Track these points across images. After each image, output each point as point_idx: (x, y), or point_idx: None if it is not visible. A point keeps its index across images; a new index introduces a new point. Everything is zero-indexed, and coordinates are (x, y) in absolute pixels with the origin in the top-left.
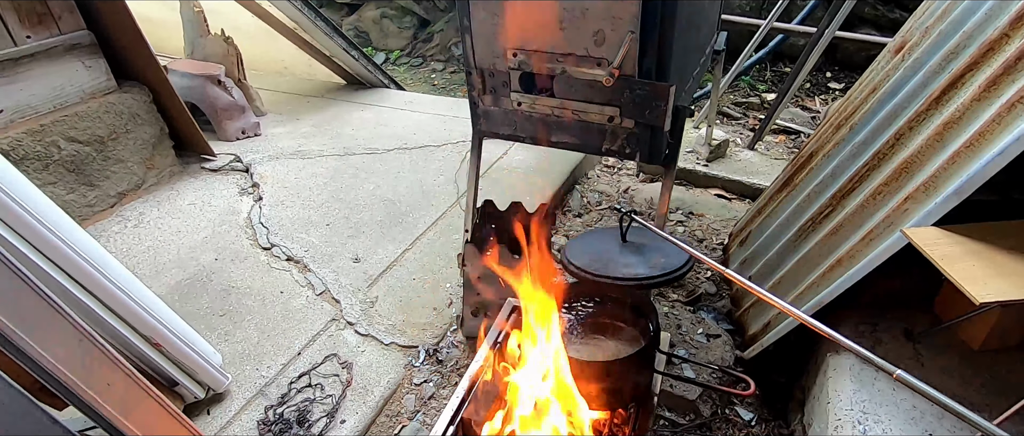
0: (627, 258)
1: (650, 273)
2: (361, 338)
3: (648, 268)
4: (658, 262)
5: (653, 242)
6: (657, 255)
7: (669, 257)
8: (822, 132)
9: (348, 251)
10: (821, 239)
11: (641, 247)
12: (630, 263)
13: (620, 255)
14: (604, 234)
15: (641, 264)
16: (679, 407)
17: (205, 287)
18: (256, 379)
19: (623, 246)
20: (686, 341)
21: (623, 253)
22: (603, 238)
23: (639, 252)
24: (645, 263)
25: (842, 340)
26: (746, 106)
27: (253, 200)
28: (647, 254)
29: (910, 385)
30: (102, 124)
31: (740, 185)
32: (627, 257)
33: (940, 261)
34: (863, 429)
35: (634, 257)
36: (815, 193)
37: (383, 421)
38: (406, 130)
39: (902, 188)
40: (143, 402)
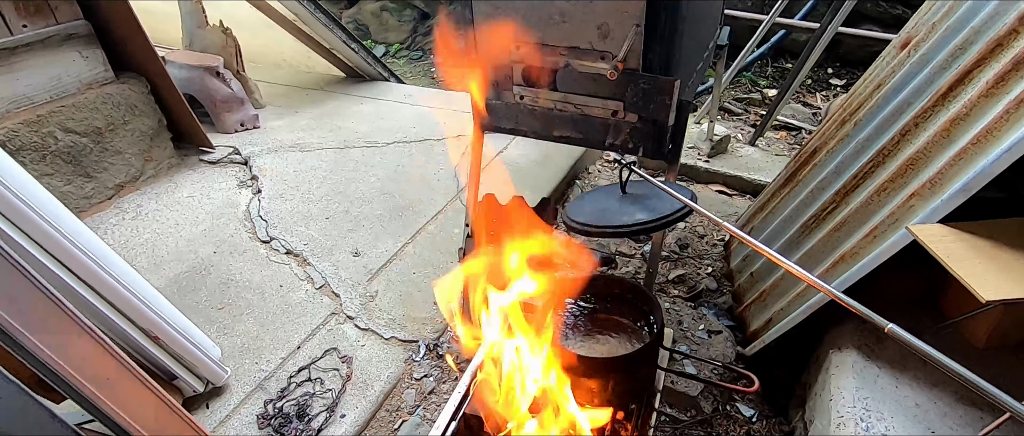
0: (627, 208)
1: (649, 218)
2: (361, 332)
3: (648, 214)
4: (657, 209)
5: (653, 192)
6: (656, 204)
7: (668, 205)
8: (826, 128)
9: (348, 245)
10: (825, 235)
11: (640, 198)
12: (629, 212)
13: (620, 207)
14: (604, 190)
15: (640, 212)
16: (680, 403)
17: (204, 280)
18: (255, 373)
19: (623, 198)
20: (687, 337)
21: (623, 204)
22: (603, 194)
23: (638, 202)
24: (644, 211)
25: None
26: (747, 102)
27: (252, 193)
28: (646, 204)
29: (901, 340)
30: (99, 115)
31: (741, 181)
32: (627, 207)
33: (946, 259)
34: (866, 426)
35: (633, 207)
36: (819, 189)
37: (383, 416)
38: (406, 123)
39: (907, 185)
40: (142, 396)
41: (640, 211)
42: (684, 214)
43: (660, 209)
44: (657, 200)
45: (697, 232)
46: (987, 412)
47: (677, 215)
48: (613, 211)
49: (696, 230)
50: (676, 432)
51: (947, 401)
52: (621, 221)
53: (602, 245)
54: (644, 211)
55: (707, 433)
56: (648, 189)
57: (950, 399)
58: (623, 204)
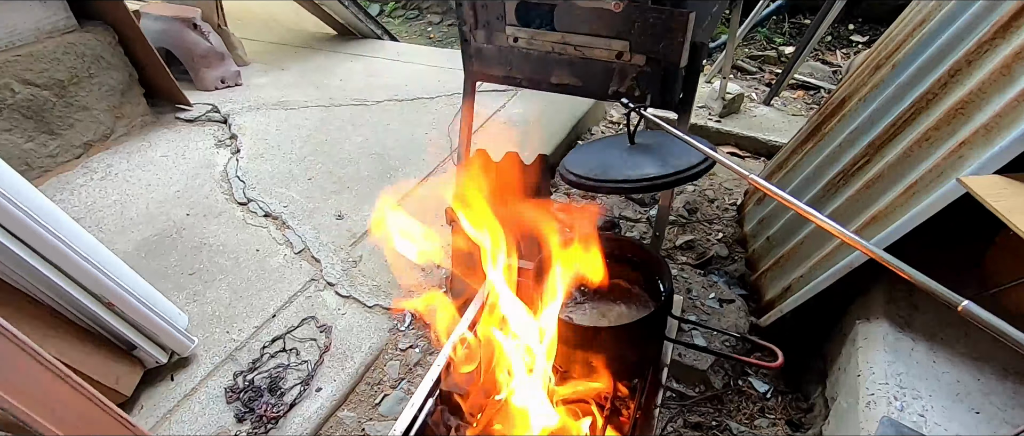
0: (635, 160)
1: (663, 172)
2: (342, 300)
3: (660, 168)
4: (672, 162)
5: (665, 143)
6: (669, 156)
7: (683, 158)
8: (856, 75)
9: (331, 207)
10: (853, 194)
11: (651, 149)
12: (638, 165)
13: (627, 159)
14: (609, 140)
15: (651, 165)
16: (688, 378)
17: (174, 244)
18: (226, 343)
19: (630, 149)
20: (697, 306)
21: (630, 156)
22: (608, 145)
23: (649, 153)
24: (656, 164)
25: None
26: (762, 60)
27: (230, 153)
28: (658, 156)
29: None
30: (61, 66)
31: (755, 142)
32: (635, 159)
33: (1007, 214)
34: (900, 405)
35: (643, 158)
36: (847, 143)
37: (363, 389)
38: (398, 81)
39: (956, 132)
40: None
41: (651, 164)
42: (704, 168)
43: (674, 162)
44: (669, 153)
45: (706, 196)
46: None
47: (696, 169)
48: (619, 164)
49: (705, 193)
50: (683, 409)
51: (993, 377)
52: (627, 175)
53: (605, 209)
54: (655, 164)
55: (717, 409)
56: (659, 140)
57: (996, 375)
58: (630, 156)
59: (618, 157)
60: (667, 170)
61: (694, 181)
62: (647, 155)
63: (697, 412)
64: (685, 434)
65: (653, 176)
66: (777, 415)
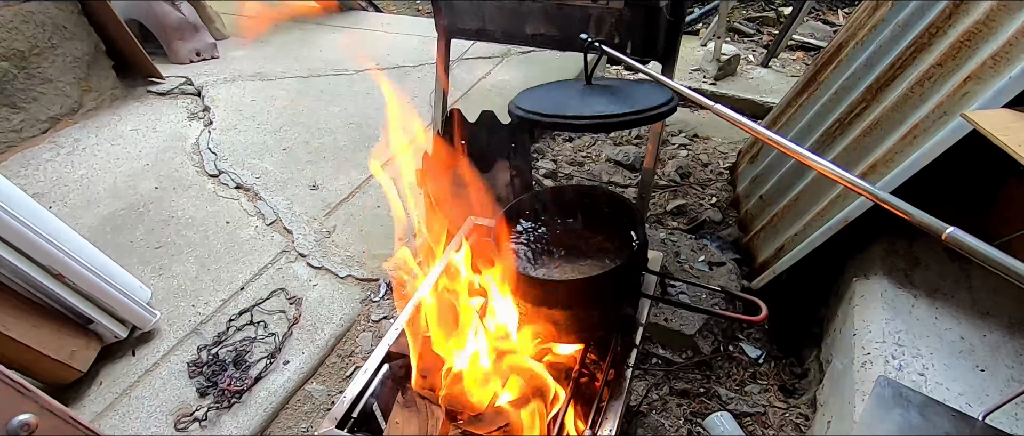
0: (591, 100)
1: (619, 111)
2: (313, 271)
3: (618, 107)
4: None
5: (628, 86)
6: (631, 97)
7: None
8: (855, 18)
9: (306, 178)
10: (851, 142)
11: (611, 89)
12: (593, 105)
13: (583, 98)
14: (568, 82)
15: (608, 105)
16: (675, 343)
17: (141, 218)
18: (191, 317)
19: (588, 89)
20: (685, 270)
21: (587, 96)
22: (566, 85)
23: (607, 93)
24: (613, 104)
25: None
26: (760, 21)
27: (203, 125)
28: (619, 96)
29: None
30: (20, 36)
31: (751, 104)
32: (592, 99)
33: (1017, 148)
34: (898, 364)
35: (600, 98)
36: (844, 89)
37: (334, 362)
38: (380, 51)
39: (961, 66)
40: None
41: (608, 104)
42: (667, 109)
43: (633, 103)
44: (629, 95)
45: (700, 159)
46: None
47: (658, 110)
48: (573, 103)
49: (699, 158)
50: (669, 376)
51: (998, 332)
52: (581, 112)
53: (593, 176)
54: (613, 104)
55: (706, 376)
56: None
57: (1003, 329)
58: (587, 95)
59: (574, 96)
60: (624, 109)
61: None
62: (605, 95)
63: (684, 379)
64: (670, 401)
65: (607, 115)
66: (769, 381)
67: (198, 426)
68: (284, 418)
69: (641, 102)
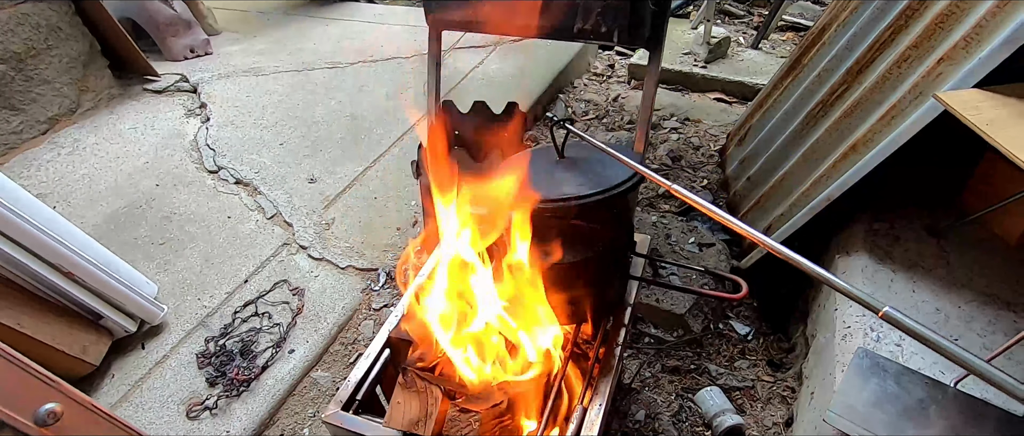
0: (558, 177)
1: (579, 192)
2: (315, 262)
3: (579, 187)
4: (596, 179)
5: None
6: (599, 170)
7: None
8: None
9: (303, 171)
10: (832, 124)
11: (579, 163)
12: (559, 183)
13: (553, 173)
14: (543, 152)
15: (573, 183)
16: (666, 323)
17: (144, 215)
18: (198, 310)
19: (558, 163)
20: (676, 251)
21: (557, 170)
22: (539, 156)
23: (575, 169)
24: (578, 182)
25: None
26: (750, 3)
27: (200, 121)
28: (586, 171)
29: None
30: (16, 38)
31: (742, 87)
32: (559, 175)
33: (984, 127)
34: (876, 336)
35: (567, 175)
36: (826, 72)
37: (337, 350)
38: (374, 43)
39: (936, 48)
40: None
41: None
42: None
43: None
44: (597, 167)
45: (691, 143)
46: (1020, 316)
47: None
48: (542, 180)
49: (690, 141)
50: (661, 353)
51: (974, 305)
52: (548, 193)
53: None
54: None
55: (697, 353)
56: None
57: (976, 302)
58: (555, 171)
59: (544, 172)
60: (585, 190)
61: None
62: (572, 171)
63: (675, 356)
64: (662, 378)
65: (570, 196)
66: (758, 356)
67: (209, 414)
68: (291, 404)
69: (607, 178)
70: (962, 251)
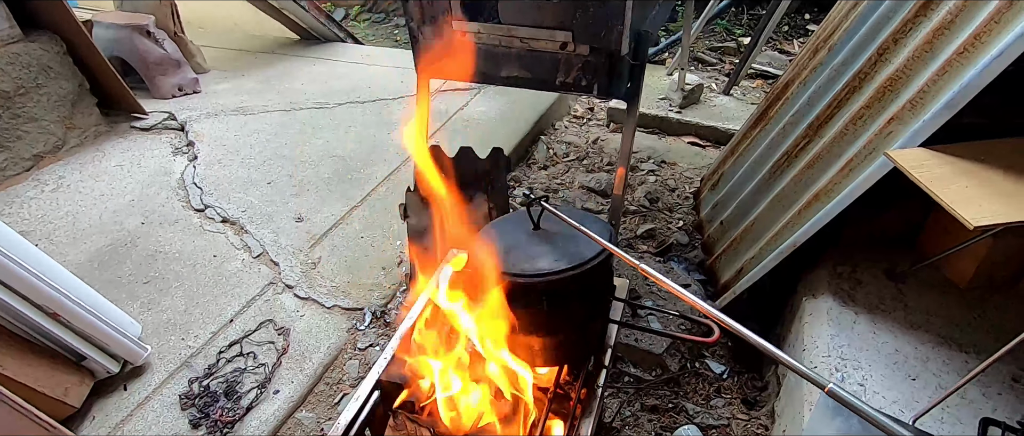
0: (535, 249)
1: (553, 268)
2: (300, 302)
3: (553, 261)
4: (569, 253)
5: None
6: (571, 244)
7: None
8: (799, 59)
9: (290, 210)
10: (797, 174)
11: (554, 236)
12: (534, 256)
13: (528, 246)
14: (518, 220)
15: (546, 257)
16: (645, 362)
17: (129, 253)
18: (182, 350)
19: (533, 234)
20: (653, 292)
21: (531, 243)
22: (516, 224)
23: (550, 241)
24: (552, 255)
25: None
26: (722, 51)
27: (187, 160)
28: (559, 243)
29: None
30: (6, 78)
31: (715, 131)
32: (535, 248)
33: (929, 184)
34: (841, 376)
35: (543, 247)
36: (790, 125)
37: (322, 390)
38: (360, 84)
39: (886, 108)
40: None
41: (546, 256)
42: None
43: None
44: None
45: (668, 185)
46: (972, 355)
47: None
48: (520, 251)
49: (667, 183)
50: (640, 392)
51: (929, 346)
52: (522, 268)
53: (567, 202)
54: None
55: (674, 392)
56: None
57: (932, 343)
58: (532, 243)
59: (521, 242)
60: (558, 266)
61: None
62: (546, 243)
63: (654, 395)
64: (642, 417)
65: (544, 272)
66: (733, 394)
67: None
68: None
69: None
70: (919, 293)
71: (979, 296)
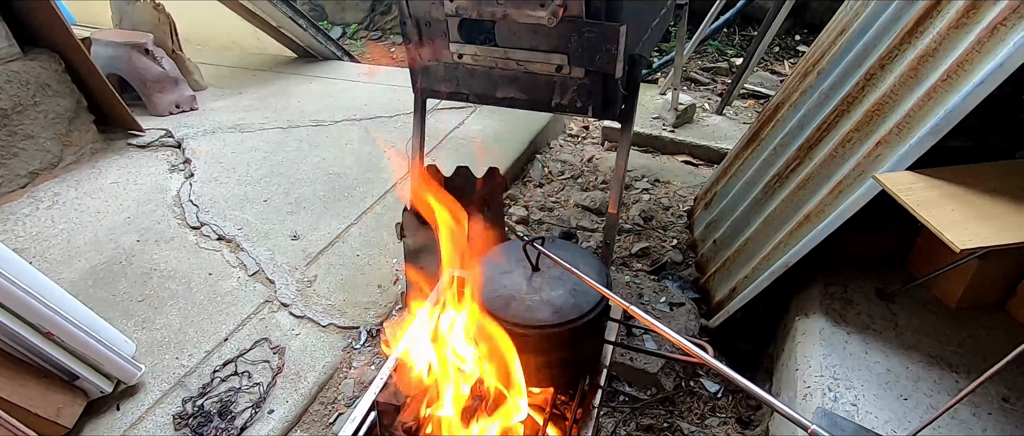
0: (535, 295)
1: (552, 321)
2: (296, 320)
3: (553, 312)
4: (568, 301)
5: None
6: (571, 288)
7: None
8: (789, 82)
9: (286, 228)
10: (788, 195)
11: (554, 280)
12: (533, 308)
13: (528, 289)
14: (523, 261)
15: (546, 307)
16: (640, 381)
17: (124, 271)
18: (176, 369)
19: (535, 276)
20: (648, 311)
21: (532, 287)
22: (518, 264)
23: (550, 286)
24: (553, 302)
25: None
26: (714, 71)
27: (184, 177)
28: (559, 287)
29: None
30: (3, 95)
31: (707, 150)
32: (535, 295)
33: (916, 207)
34: (834, 396)
35: (541, 295)
36: (781, 146)
37: (317, 409)
38: (357, 101)
39: (874, 132)
40: None
41: (546, 306)
42: (599, 312)
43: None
44: (572, 282)
45: (661, 203)
46: (962, 375)
47: (588, 317)
48: (519, 295)
49: (660, 201)
50: (635, 411)
51: (920, 366)
52: (523, 317)
53: (562, 220)
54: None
55: (669, 411)
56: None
57: (923, 363)
58: (531, 288)
59: (521, 285)
60: (559, 318)
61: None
62: (547, 289)
63: (649, 414)
64: None
65: (543, 323)
66: (727, 414)
67: None
68: None
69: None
70: (909, 313)
71: (968, 316)
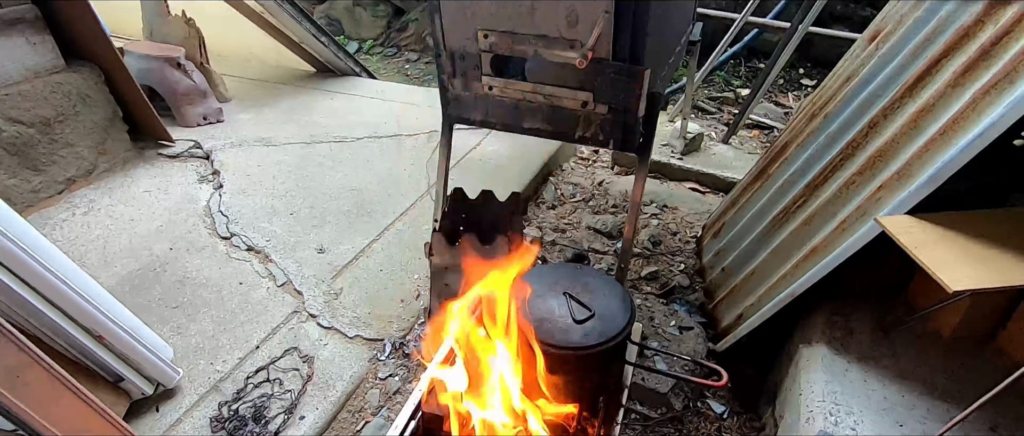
0: (568, 318)
1: (583, 343)
2: (324, 331)
3: (583, 335)
4: (596, 326)
5: (597, 289)
6: (600, 312)
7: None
8: (796, 122)
9: (312, 241)
10: (794, 229)
11: (583, 304)
12: (569, 330)
13: (560, 313)
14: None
15: (578, 330)
16: (650, 400)
17: (158, 278)
18: (210, 374)
19: (565, 301)
20: (659, 333)
21: (563, 310)
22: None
23: (580, 309)
24: (585, 327)
25: None
26: (721, 101)
27: (213, 188)
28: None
29: None
30: (48, 105)
31: (713, 178)
32: (568, 317)
33: (913, 249)
34: (834, 421)
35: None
36: (788, 183)
37: (345, 417)
38: (377, 119)
39: (876, 177)
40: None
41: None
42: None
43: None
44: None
45: (669, 229)
46: (954, 404)
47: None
48: (553, 319)
49: (669, 227)
50: (646, 429)
51: (915, 394)
52: (559, 340)
53: (574, 242)
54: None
55: (678, 430)
56: (594, 283)
57: (918, 392)
58: (564, 310)
59: (553, 309)
60: (588, 342)
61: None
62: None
63: (659, 433)
64: None
65: (576, 345)
66: (733, 434)
67: None
68: None
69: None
70: (907, 343)
71: (960, 347)
